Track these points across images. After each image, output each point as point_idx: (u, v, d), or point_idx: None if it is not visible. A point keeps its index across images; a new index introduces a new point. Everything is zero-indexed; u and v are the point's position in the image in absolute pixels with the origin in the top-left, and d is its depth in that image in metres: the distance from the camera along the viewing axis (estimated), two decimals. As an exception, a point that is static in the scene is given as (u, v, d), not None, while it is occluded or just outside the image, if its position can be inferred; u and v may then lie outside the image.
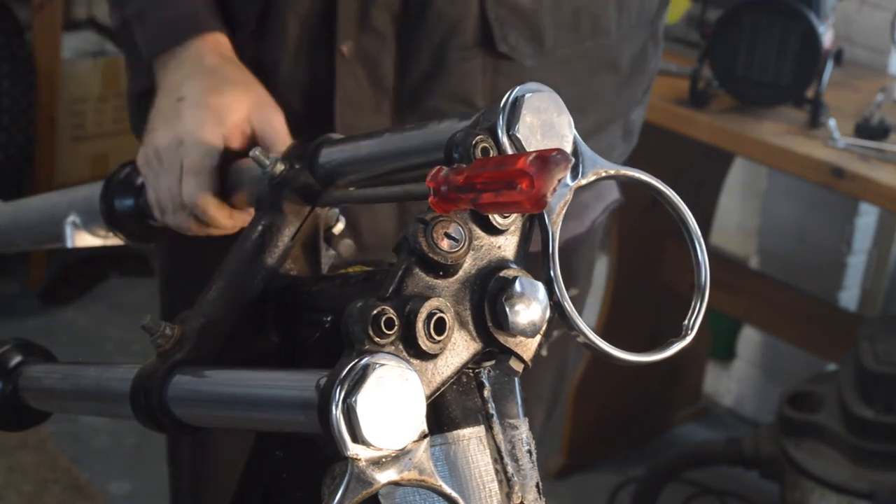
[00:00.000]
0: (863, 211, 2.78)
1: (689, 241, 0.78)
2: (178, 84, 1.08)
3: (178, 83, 1.09)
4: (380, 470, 0.65)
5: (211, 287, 0.87)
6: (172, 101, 1.07)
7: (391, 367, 0.65)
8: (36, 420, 1.03)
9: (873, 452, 2.19)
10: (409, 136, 0.83)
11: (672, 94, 2.35)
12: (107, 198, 1.13)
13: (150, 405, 0.81)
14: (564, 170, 0.65)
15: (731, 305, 2.74)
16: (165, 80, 1.11)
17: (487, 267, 0.73)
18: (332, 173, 0.90)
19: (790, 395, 2.33)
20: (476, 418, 0.76)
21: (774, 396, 2.56)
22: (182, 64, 1.10)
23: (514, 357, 0.73)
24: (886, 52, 2.62)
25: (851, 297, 2.90)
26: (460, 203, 0.70)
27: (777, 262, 2.92)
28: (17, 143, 3.35)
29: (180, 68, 1.10)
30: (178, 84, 1.09)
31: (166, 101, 1.08)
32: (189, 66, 1.10)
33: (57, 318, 3.36)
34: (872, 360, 2.20)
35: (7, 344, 1.01)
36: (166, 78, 1.11)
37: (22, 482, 2.67)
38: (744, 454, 2.39)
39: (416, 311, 0.68)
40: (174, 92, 1.08)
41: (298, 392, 0.68)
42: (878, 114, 2.20)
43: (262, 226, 0.89)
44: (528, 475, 0.77)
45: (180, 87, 1.08)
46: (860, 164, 2.08)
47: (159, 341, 0.83)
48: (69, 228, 1.16)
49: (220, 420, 0.81)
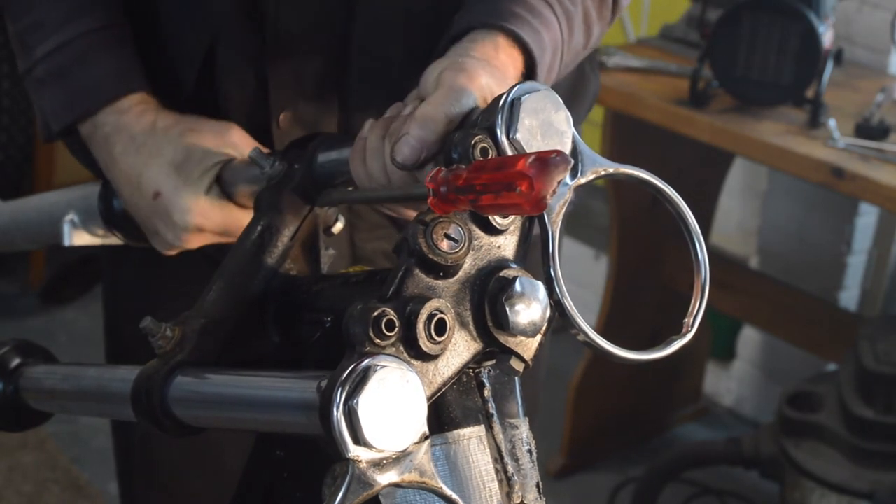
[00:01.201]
0: (863, 211, 2.78)
1: (689, 239, 0.78)
2: (139, 175, 1.04)
3: (136, 173, 1.04)
4: (381, 471, 0.65)
5: (211, 288, 0.87)
6: (147, 198, 1.03)
7: (392, 369, 0.65)
8: (36, 421, 1.03)
9: (873, 452, 2.19)
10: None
11: (672, 94, 2.35)
12: (105, 197, 1.13)
13: (152, 406, 0.81)
14: (564, 172, 0.65)
15: (731, 305, 2.74)
16: (110, 157, 1.06)
17: (487, 267, 0.74)
18: (331, 173, 0.90)
19: (790, 395, 2.33)
20: (476, 418, 0.76)
21: (774, 396, 2.56)
22: (114, 137, 1.06)
23: (514, 357, 0.73)
24: (886, 52, 2.62)
25: (851, 297, 2.90)
26: (460, 204, 0.70)
27: (777, 262, 2.92)
28: (17, 143, 3.35)
29: (117, 145, 1.06)
30: (138, 175, 1.04)
31: (140, 198, 1.04)
32: (125, 139, 1.05)
33: (57, 318, 3.36)
34: (872, 360, 2.20)
35: (7, 345, 1.01)
36: (110, 155, 1.06)
37: (22, 482, 2.67)
38: (744, 454, 2.39)
39: (416, 312, 0.68)
40: (143, 187, 1.04)
41: (300, 394, 0.68)
42: (878, 114, 2.20)
43: (262, 226, 0.89)
44: (529, 475, 0.77)
45: (143, 178, 1.03)
46: (860, 164, 2.08)
47: (160, 342, 0.83)
48: (67, 227, 1.16)
49: (222, 421, 0.81)
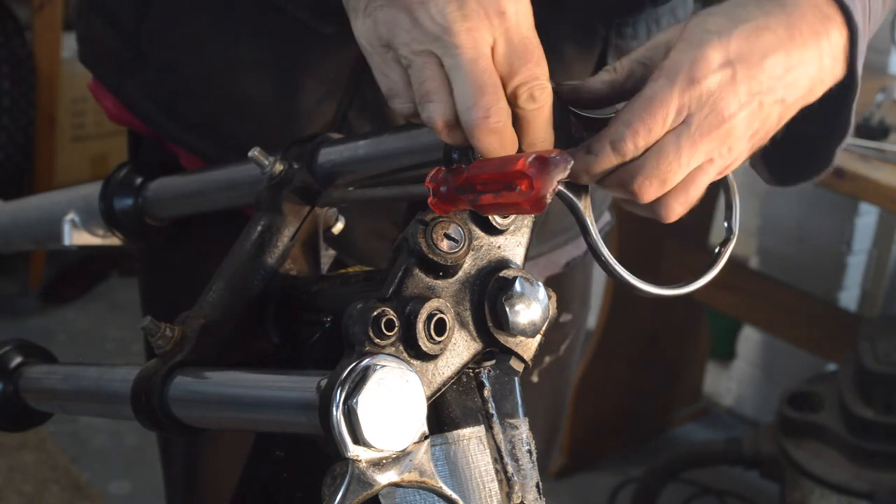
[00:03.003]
0: (863, 211, 2.78)
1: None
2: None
3: None
4: (380, 471, 0.65)
5: (211, 288, 0.87)
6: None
7: (392, 369, 0.65)
8: (36, 420, 1.03)
9: (873, 452, 2.19)
10: (408, 136, 0.83)
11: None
12: (106, 197, 1.13)
13: (151, 406, 0.81)
14: (564, 171, 0.65)
15: (731, 305, 2.74)
16: None
17: (487, 267, 0.74)
18: (331, 173, 0.90)
19: (790, 395, 2.33)
20: (476, 418, 0.76)
21: (774, 396, 2.56)
22: None
23: (514, 357, 0.73)
24: (886, 52, 2.61)
25: (851, 297, 2.90)
26: (459, 204, 0.70)
27: (777, 262, 2.92)
28: (17, 143, 3.35)
29: None
30: None
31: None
32: None
33: (57, 318, 3.36)
34: (872, 360, 2.20)
35: (7, 345, 1.01)
36: None
37: (22, 482, 2.67)
38: (744, 454, 2.39)
39: (416, 312, 0.68)
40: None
41: (299, 393, 0.68)
42: (878, 114, 2.20)
43: (262, 226, 0.89)
44: (528, 475, 0.77)
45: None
46: (860, 164, 2.08)
47: (160, 342, 0.83)
48: (67, 227, 1.16)
49: (221, 421, 0.81)
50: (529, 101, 0.71)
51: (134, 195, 1.13)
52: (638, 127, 0.73)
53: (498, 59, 0.71)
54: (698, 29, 0.74)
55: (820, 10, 0.76)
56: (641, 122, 0.73)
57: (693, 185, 0.76)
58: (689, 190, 0.76)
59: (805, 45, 0.76)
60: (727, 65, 0.73)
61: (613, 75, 0.79)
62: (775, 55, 0.75)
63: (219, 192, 1.04)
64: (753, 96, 0.74)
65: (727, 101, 0.73)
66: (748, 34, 0.74)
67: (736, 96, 0.74)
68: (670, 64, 0.74)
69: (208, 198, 1.05)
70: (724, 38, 0.74)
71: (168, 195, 1.11)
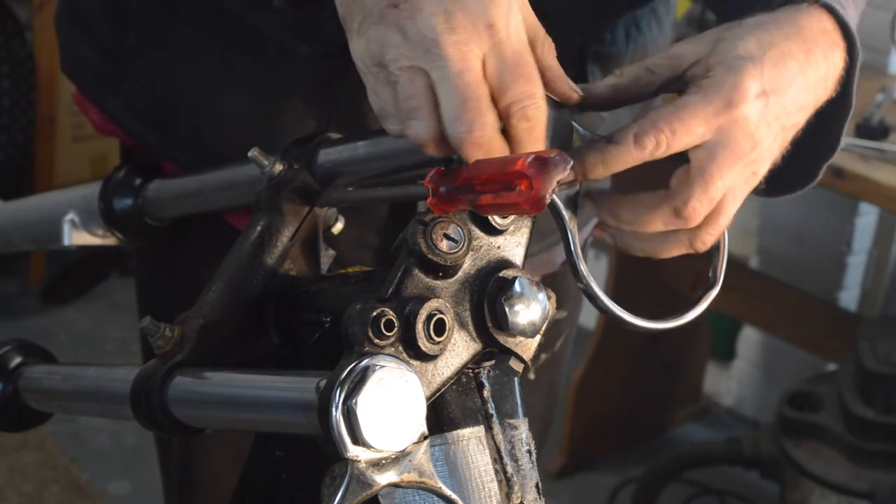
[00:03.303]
0: (863, 211, 2.78)
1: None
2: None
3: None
4: (379, 471, 0.65)
5: (210, 288, 0.87)
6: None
7: (391, 369, 0.65)
8: (36, 421, 1.03)
9: (873, 452, 2.19)
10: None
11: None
12: (105, 197, 1.13)
13: (151, 407, 0.81)
14: (563, 171, 0.65)
15: (731, 305, 2.74)
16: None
17: (487, 267, 0.74)
18: (330, 173, 0.90)
19: (790, 395, 2.33)
20: (476, 418, 0.76)
21: (774, 396, 2.56)
22: None
23: (513, 357, 0.73)
24: (886, 52, 2.61)
25: (851, 297, 2.90)
26: (459, 204, 0.70)
27: (777, 262, 2.92)
28: (17, 143, 3.35)
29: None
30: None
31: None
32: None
33: (57, 318, 3.36)
34: (872, 360, 2.20)
35: (7, 345, 1.01)
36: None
37: (22, 482, 2.67)
38: (744, 454, 2.39)
39: (415, 312, 0.68)
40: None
41: (299, 394, 0.68)
42: (878, 114, 2.20)
43: (261, 226, 0.89)
44: (528, 475, 0.77)
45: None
46: (860, 164, 2.08)
47: (159, 343, 0.83)
48: (67, 226, 1.16)
49: (221, 421, 0.81)
50: (522, 119, 0.71)
51: (133, 195, 1.13)
52: (663, 126, 0.75)
53: (489, 74, 0.71)
54: (732, 53, 0.77)
55: (829, 37, 0.80)
56: (667, 123, 0.75)
57: (723, 212, 0.79)
58: (719, 218, 0.80)
59: (818, 71, 0.79)
60: (763, 95, 0.76)
61: (619, 79, 0.80)
62: (796, 83, 0.77)
63: (219, 193, 1.04)
64: (779, 123, 0.77)
65: (761, 131, 0.76)
66: (776, 61, 0.77)
67: (768, 126, 0.77)
68: (709, 84, 0.76)
69: (208, 198, 1.05)
70: (758, 64, 0.76)
71: (168, 195, 1.11)
